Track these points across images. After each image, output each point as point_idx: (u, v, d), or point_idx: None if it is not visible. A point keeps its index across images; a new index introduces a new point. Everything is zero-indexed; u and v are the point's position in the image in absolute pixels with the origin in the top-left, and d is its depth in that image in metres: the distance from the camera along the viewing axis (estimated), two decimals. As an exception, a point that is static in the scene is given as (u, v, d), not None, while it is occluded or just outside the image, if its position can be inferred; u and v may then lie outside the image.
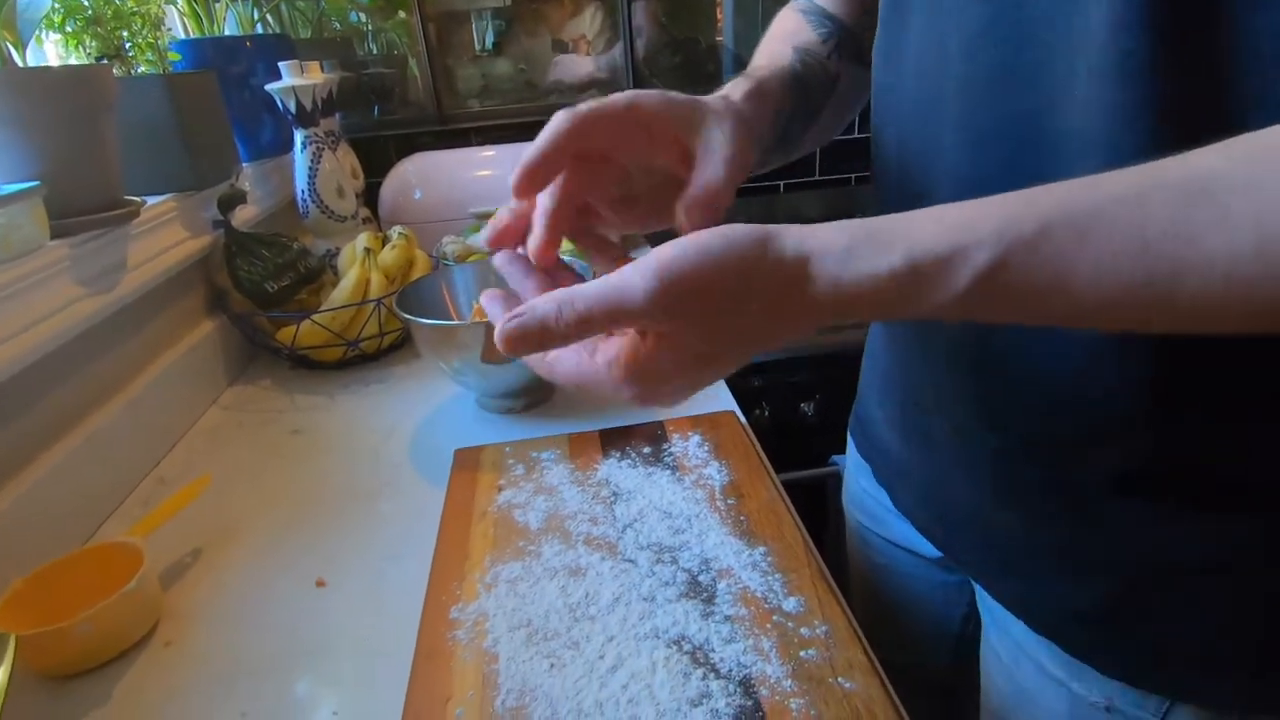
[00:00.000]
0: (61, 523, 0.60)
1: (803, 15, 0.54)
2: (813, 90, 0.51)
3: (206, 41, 1.04)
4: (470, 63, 1.39)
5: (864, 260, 0.29)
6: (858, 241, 0.29)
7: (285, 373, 0.91)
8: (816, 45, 0.52)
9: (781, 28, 0.55)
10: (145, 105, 0.79)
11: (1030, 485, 0.44)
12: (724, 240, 0.30)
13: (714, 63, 1.42)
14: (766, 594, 0.47)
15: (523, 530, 0.55)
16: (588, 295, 0.30)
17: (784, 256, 0.30)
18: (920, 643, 0.64)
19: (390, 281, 0.90)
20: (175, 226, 0.83)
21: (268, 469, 0.71)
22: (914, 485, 0.55)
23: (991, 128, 0.38)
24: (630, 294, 0.29)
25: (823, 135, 0.55)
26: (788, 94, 0.49)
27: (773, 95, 0.47)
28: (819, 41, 0.53)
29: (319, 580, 0.54)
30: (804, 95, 0.51)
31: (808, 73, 0.51)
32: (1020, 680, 0.48)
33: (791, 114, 0.49)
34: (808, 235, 0.30)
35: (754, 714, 0.39)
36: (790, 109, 0.49)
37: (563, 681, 0.42)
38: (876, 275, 0.28)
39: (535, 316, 0.30)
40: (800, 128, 0.51)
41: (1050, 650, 0.45)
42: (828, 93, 0.52)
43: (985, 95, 0.38)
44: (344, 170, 1.01)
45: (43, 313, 0.60)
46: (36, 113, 0.62)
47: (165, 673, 0.48)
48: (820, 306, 0.30)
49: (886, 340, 0.57)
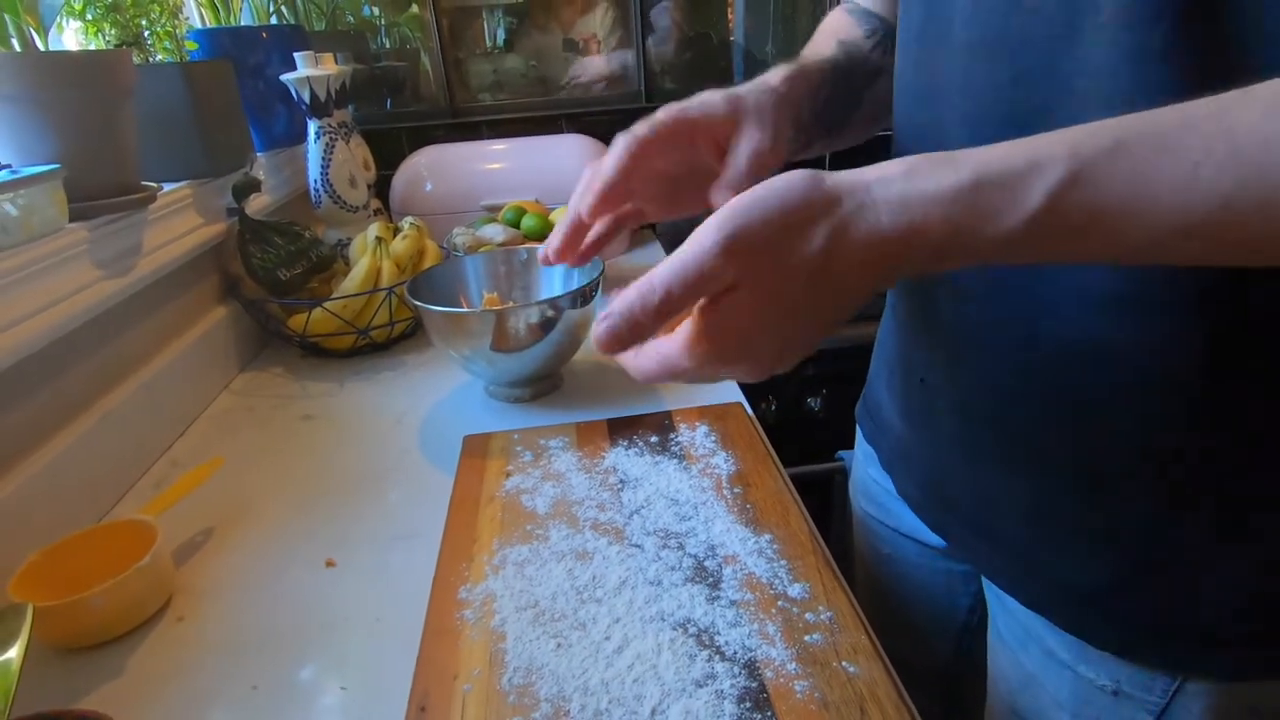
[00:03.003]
0: (76, 500, 0.61)
1: (849, 14, 0.56)
2: (854, 77, 0.52)
3: (223, 31, 1.05)
4: (482, 57, 1.40)
5: (928, 179, 0.28)
6: (918, 166, 0.29)
7: (296, 360, 0.92)
8: (860, 40, 0.54)
9: (829, 25, 0.57)
10: (162, 92, 0.80)
11: (1035, 462, 0.43)
12: (781, 181, 0.30)
13: (725, 59, 1.42)
14: (772, 580, 0.47)
15: (530, 515, 0.56)
16: (662, 273, 0.30)
17: (839, 182, 0.30)
18: (924, 633, 0.65)
19: (401, 271, 0.90)
20: (190, 213, 0.84)
21: (279, 453, 0.71)
22: (916, 468, 0.55)
23: (991, 96, 0.38)
24: (699, 254, 0.29)
25: (870, 125, 0.56)
26: (828, 77, 0.50)
27: (813, 76, 0.49)
28: (863, 36, 0.54)
29: (329, 560, 0.55)
30: (845, 80, 0.52)
31: (850, 62, 0.52)
32: (1026, 664, 0.48)
33: (831, 95, 0.50)
34: (861, 170, 0.30)
35: (758, 695, 0.39)
36: (830, 91, 0.50)
37: (569, 661, 0.42)
38: (940, 192, 0.28)
39: (620, 312, 0.31)
40: (842, 111, 0.52)
41: (1056, 633, 0.45)
42: (869, 81, 0.53)
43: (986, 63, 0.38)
44: (356, 161, 1.02)
45: (61, 294, 0.61)
46: (57, 97, 0.63)
47: (178, 647, 0.49)
48: (884, 236, 0.28)
49: (895, 324, 0.57)
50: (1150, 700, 0.41)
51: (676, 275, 0.30)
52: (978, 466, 0.47)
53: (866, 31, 0.54)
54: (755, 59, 1.43)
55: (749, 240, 0.29)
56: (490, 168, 1.25)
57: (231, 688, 0.45)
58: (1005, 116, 0.37)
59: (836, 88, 0.51)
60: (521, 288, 0.85)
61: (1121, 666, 0.42)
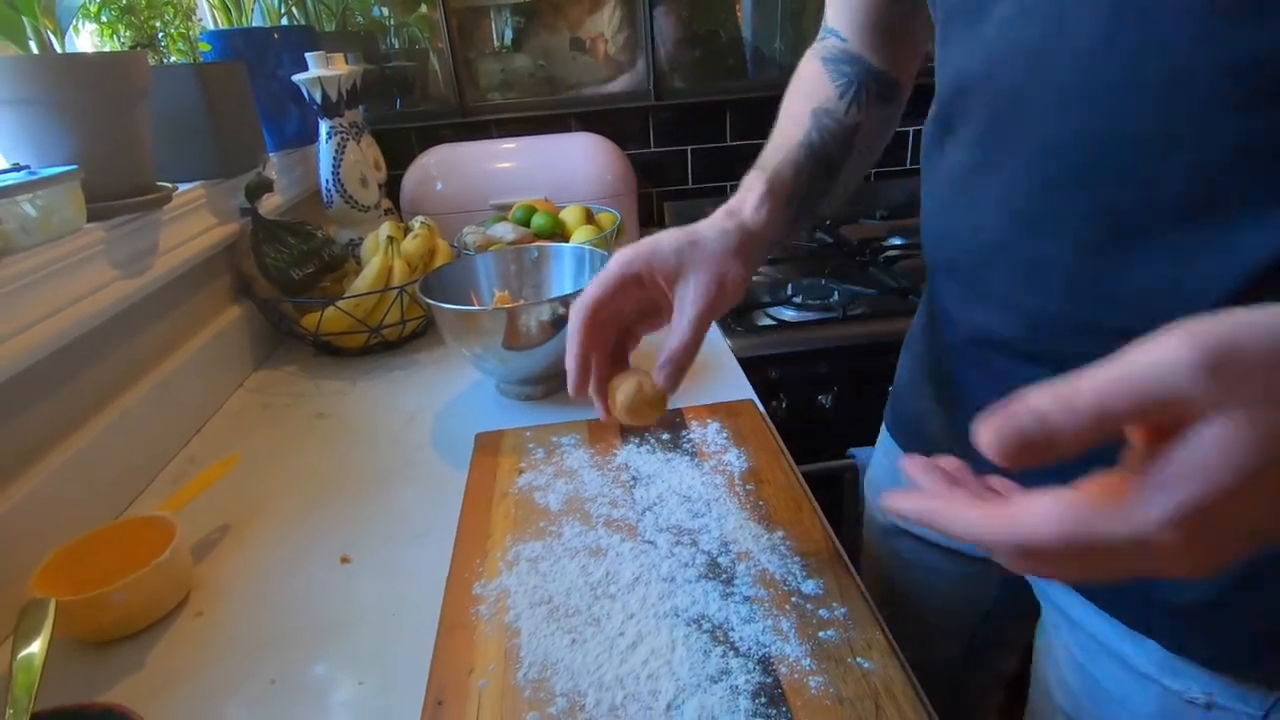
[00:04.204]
0: (96, 497, 0.62)
1: (822, 64, 0.55)
2: (831, 156, 0.52)
3: (236, 32, 1.06)
4: (491, 57, 1.40)
5: None
6: None
7: (309, 359, 0.92)
8: (834, 102, 0.53)
9: (802, 85, 0.56)
10: (177, 94, 0.81)
11: None
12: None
13: (735, 57, 1.42)
14: (785, 576, 0.47)
15: (543, 511, 0.56)
16: (1098, 381, 0.22)
17: None
18: (934, 635, 0.64)
19: (412, 270, 0.91)
20: (204, 213, 0.84)
21: (294, 450, 0.72)
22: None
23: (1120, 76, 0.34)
24: (1161, 367, 0.21)
25: (849, 185, 0.56)
26: (802, 176, 0.51)
27: (784, 189, 0.50)
28: (836, 98, 0.53)
29: (344, 557, 0.56)
30: (821, 167, 0.52)
31: (824, 141, 0.52)
32: (1098, 678, 0.46)
33: (807, 193, 0.51)
34: None
35: (773, 691, 0.39)
36: (806, 189, 0.51)
37: (584, 656, 0.42)
38: None
39: (1032, 413, 0.23)
40: (821, 196, 0.53)
41: (1139, 646, 0.42)
42: (846, 150, 0.53)
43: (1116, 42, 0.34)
44: (367, 161, 1.02)
45: (79, 293, 0.61)
46: (74, 98, 0.64)
47: (197, 642, 0.49)
48: None
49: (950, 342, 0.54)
50: (1247, 713, 0.39)
51: (1123, 386, 0.22)
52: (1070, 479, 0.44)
53: (840, 88, 0.53)
54: (764, 56, 1.43)
55: (1246, 369, 0.21)
56: (500, 167, 1.26)
57: (250, 681, 0.46)
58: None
59: (814, 182, 0.51)
60: (532, 286, 0.85)
61: (1215, 679, 0.40)
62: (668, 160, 1.44)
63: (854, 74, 0.53)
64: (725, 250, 0.47)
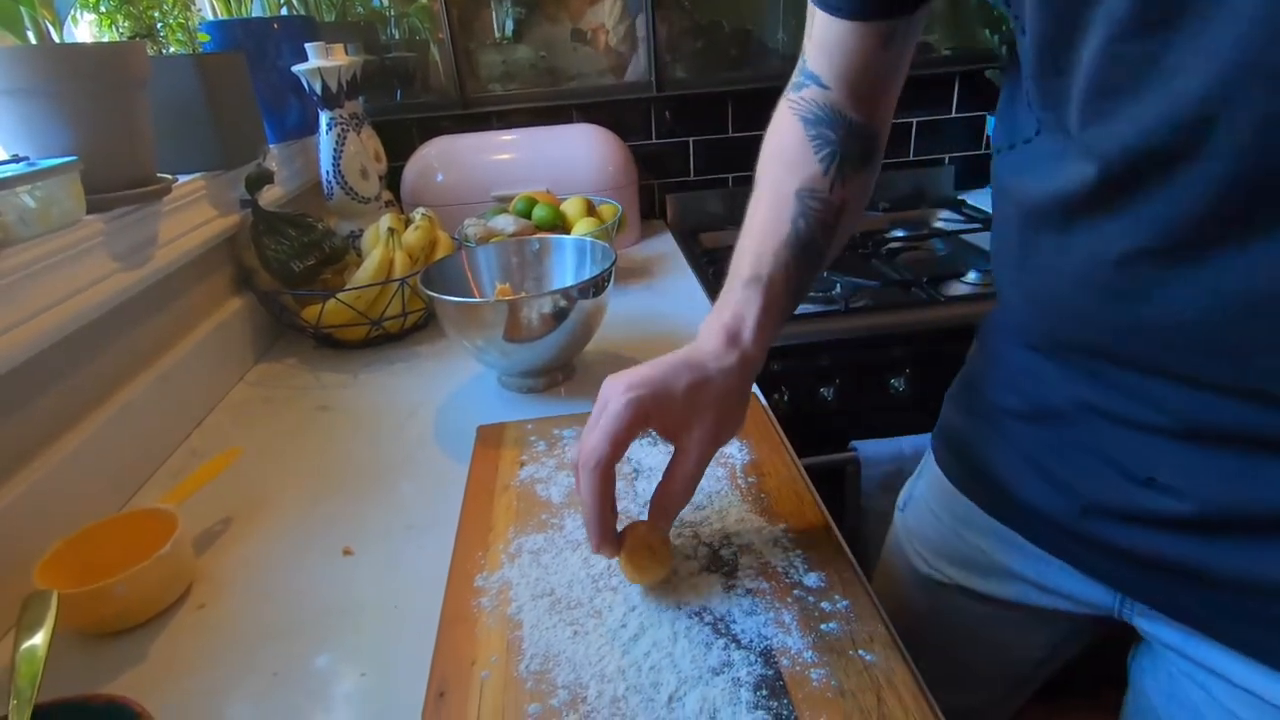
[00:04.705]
0: (97, 490, 0.62)
1: (803, 128, 0.51)
2: (817, 244, 0.50)
3: (235, 23, 1.05)
4: (491, 48, 1.39)
5: None
6: None
7: (310, 351, 0.92)
8: (819, 180, 0.50)
9: (783, 154, 0.52)
10: (176, 84, 0.80)
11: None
12: None
13: (737, 47, 1.41)
14: (787, 569, 0.47)
15: (545, 504, 0.56)
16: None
17: None
18: (975, 680, 0.61)
19: (414, 262, 0.91)
20: (204, 205, 0.84)
21: (295, 443, 0.72)
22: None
23: None
24: None
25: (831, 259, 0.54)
26: (791, 280, 0.49)
27: (777, 303, 0.48)
28: (820, 174, 0.50)
29: (346, 549, 0.56)
30: (808, 260, 0.50)
31: (810, 229, 0.50)
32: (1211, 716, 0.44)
33: (796, 292, 0.50)
34: None
35: (775, 683, 0.39)
36: (796, 288, 0.50)
37: (586, 648, 0.42)
38: None
39: None
40: (805, 291, 0.52)
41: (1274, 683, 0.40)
42: (830, 235, 0.51)
43: None
44: (368, 152, 1.02)
45: (79, 285, 0.61)
46: (73, 89, 0.63)
47: (199, 634, 0.49)
48: None
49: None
50: None
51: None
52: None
53: (824, 161, 0.50)
54: (766, 46, 1.42)
55: None
56: (501, 158, 1.25)
57: (252, 673, 0.46)
58: None
59: (801, 276, 0.50)
60: (534, 278, 0.85)
61: None
62: (669, 152, 1.44)
63: (837, 140, 0.51)
64: (730, 389, 0.46)
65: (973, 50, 1.41)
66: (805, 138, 0.52)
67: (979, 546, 0.56)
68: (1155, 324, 0.37)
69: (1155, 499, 0.42)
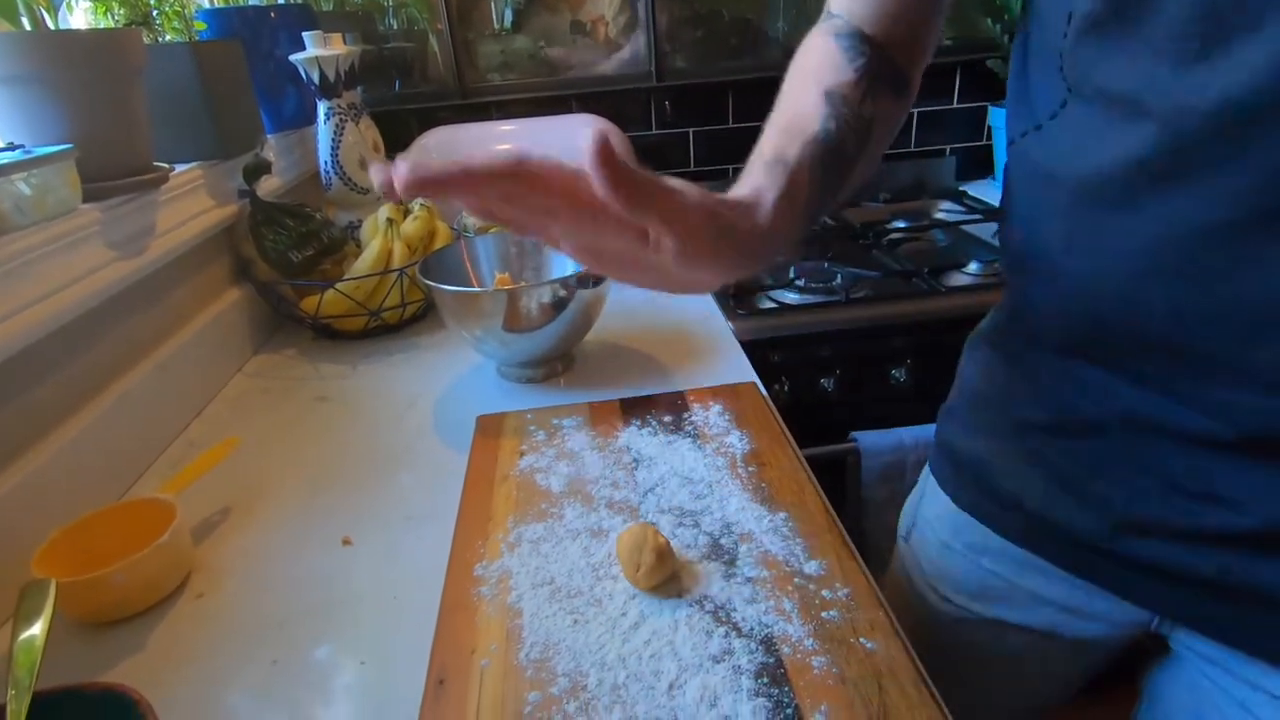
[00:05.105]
0: (95, 480, 0.61)
1: (834, 40, 0.47)
2: (848, 151, 0.44)
3: (232, 11, 1.04)
4: (490, 39, 1.38)
5: None
6: None
7: (309, 342, 0.92)
8: (850, 88, 0.45)
9: (809, 62, 0.48)
10: (172, 73, 0.80)
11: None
12: None
13: (737, 37, 1.40)
14: (788, 557, 0.47)
15: (545, 493, 0.56)
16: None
17: None
18: (1001, 707, 0.60)
19: (412, 252, 0.90)
20: (202, 194, 0.84)
21: (294, 434, 0.72)
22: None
23: None
24: None
25: (853, 189, 0.48)
26: (816, 179, 0.42)
27: (801, 190, 0.41)
28: (853, 82, 0.45)
29: (345, 539, 0.55)
30: (836, 164, 0.44)
31: (840, 135, 0.44)
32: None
33: (823, 191, 0.43)
34: None
35: (776, 671, 0.39)
36: (821, 186, 0.42)
37: (586, 637, 0.42)
38: None
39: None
40: (831, 200, 0.45)
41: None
42: (861, 145, 0.45)
43: None
44: (366, 143, 1.01)
45: (76, 274, 0.61)
46: (68, 76, 0.63)
47: (197, 623, 0.49)
48: None
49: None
50: None
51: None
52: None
53: (858, 70, 0.45)
54: (767, 36, 1.41)
55: None
56: (499, 149, 1.24)
57: (251, 662, 0.46)
58: None
59: (828, 178, 0.43)
60: (533, 268, 0.84)
61: None
62: (669, 142, 1.43)
63: (870, 58, 0.46)
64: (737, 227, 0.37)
65: (974, 40, 1.40)
66: (838, 48, 0.47)
67: (998, 573, 0.53)
68: (1233, 309, 0.34)
69: (1209, 513, 0.40)
